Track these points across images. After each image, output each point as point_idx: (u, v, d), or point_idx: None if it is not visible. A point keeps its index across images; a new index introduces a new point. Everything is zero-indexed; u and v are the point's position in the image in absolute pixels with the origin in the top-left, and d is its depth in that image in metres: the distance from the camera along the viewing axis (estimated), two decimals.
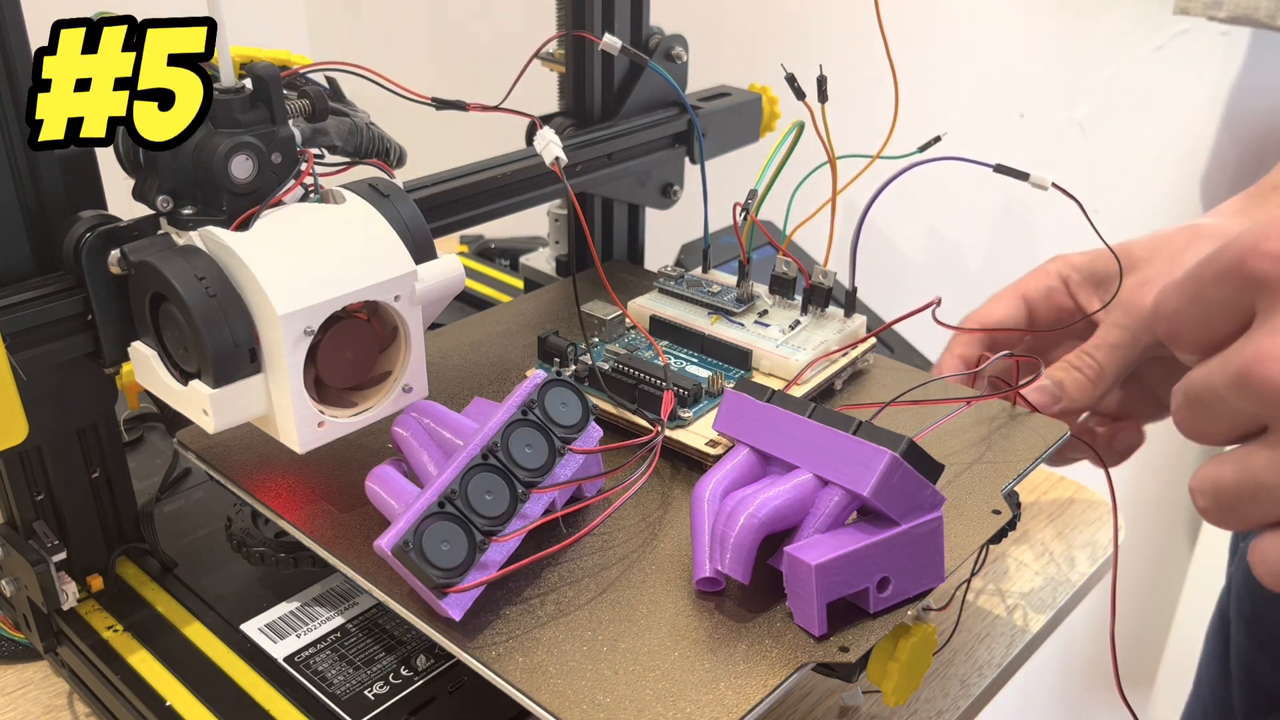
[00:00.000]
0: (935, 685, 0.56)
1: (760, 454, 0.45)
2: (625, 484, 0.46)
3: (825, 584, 0.40)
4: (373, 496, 0.45)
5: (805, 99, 0.55)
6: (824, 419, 0.43)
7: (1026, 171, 0.52)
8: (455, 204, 0.59)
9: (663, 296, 0.61)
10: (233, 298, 0.42)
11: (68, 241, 0.45)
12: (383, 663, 0.49)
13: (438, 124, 0.59)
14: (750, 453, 0.45)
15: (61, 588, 0.50)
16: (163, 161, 0.43)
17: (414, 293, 0.45)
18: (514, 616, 0.42)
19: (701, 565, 0.43)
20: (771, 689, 0.39)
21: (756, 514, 0.41)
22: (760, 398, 0.45)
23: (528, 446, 0.44)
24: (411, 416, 0.47)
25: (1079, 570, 0.65)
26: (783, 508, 0.42)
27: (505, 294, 0.83)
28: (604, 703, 0.38)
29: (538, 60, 0.65)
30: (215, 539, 0.56)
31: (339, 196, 0.46)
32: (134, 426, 0.67)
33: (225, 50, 0.43)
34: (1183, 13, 1.17)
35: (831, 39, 1.06)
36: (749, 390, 0.46)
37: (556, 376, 0.46)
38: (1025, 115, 1.21)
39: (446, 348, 0.60)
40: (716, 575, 0.42)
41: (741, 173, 0.64)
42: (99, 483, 0.52)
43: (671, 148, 0.69)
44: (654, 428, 0.49)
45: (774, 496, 0.42)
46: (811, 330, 0.57)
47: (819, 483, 0.42)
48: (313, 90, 0.48)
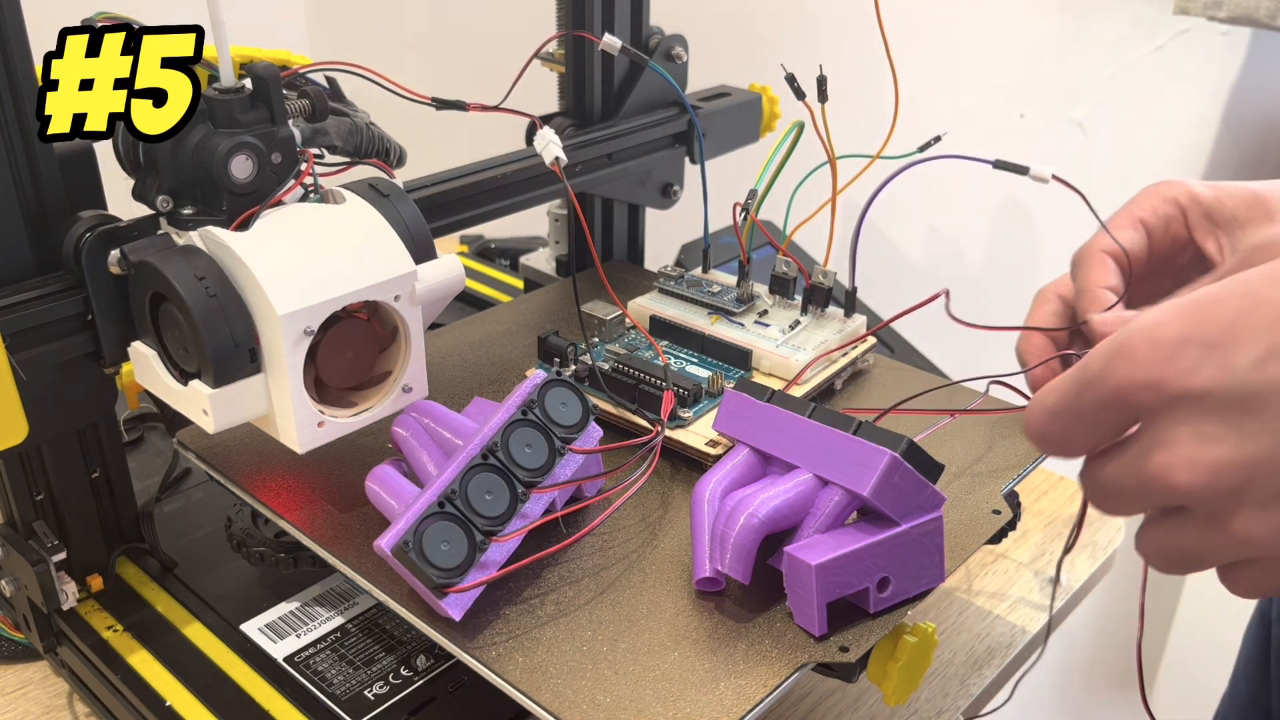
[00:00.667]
0: (935, 685, 0.56)
1: (760, 454, 0.45)
2: (625, 484, 0.46)
3: (825, 584, 0.40)
4: (373, 496, 0.45)
5: (805, 99, 0.55)
6: (824, 419, 0.43)
7: (1026, 165, 0.52)
8: (455, 204, 0.59)
9: (663, 296, 0.61)
10: (233, 298, 0.42)
11: (68, 241, 0.45)
12: (383, 663, 0.49)
13: (438, 124, 0.59)
14: (750, 453, 0.45)
15: (61, 588, 0.50)
16: (162, 161, 0.43)
17: (414, 293, 0.45)
18: (514, 616, 0.42)
19: (701, 565, 0.43)
20: (771, 689, 0.39)
21: (756, 514, 0.41)
22: (760, 398, 0.45)
23: (528, 446, 0.44)
24: (411, 416, 0.47)
25: (1079, 571, 0.65)
26: (782, 508, 0.42)
27: (505, 294, 0.83)
28: (604, 703, 0.38)
29: (538, 60, 0.65)
30: (215, 539, 0.56)
31: (339, 196, 0.46)
32: (134, 426, 0.67)
33: (225, 50, 0.43)
34: (1183, 13, 1.17)
35: (831, 39, 1.06)
36: (749, 390, 0.46)
37: (556, 376, 0.46)
38: (1025, 115, 1.21)
39: (446, 348, 0.60)
40: (716, 575, 0.42)
41: (741, 173, 0.64)
42: (99, 483, 0.52)
43: (671, 148, 0.69)
44: (654, 428, 0.49)
45: (774, 496, 0.42)
46: (811, 330, 0.57)
47: (819, 483, 0.42)
48: (313, 90, 0.48)
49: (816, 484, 0.42)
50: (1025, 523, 0.69)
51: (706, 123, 0.69)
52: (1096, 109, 1.26)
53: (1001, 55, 1.18)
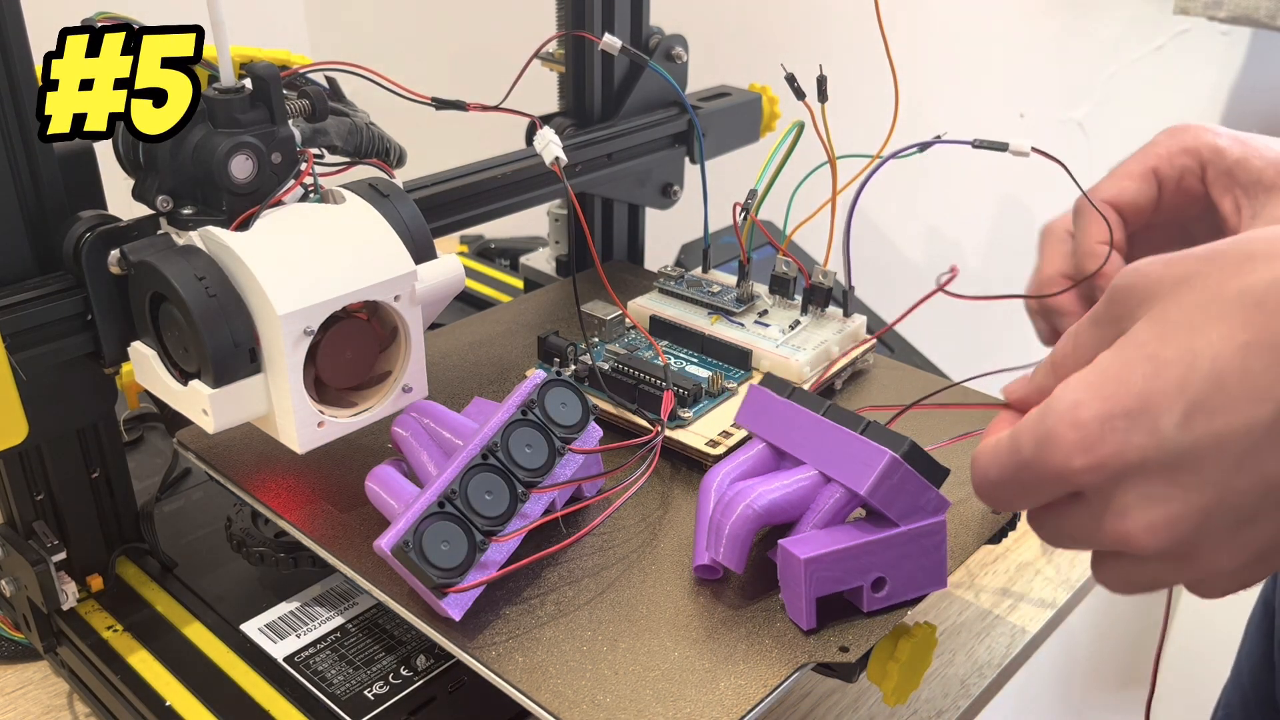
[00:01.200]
0: (935, 685, 0.56)
1: (775, 450, 0.45)
2: (625, 484, 0.46)
3: (814, 578, 0.40)
4: (372, 496, 0.45)
5: (805, 99, 0.55)
6: (836, 417, 0.43)
7: (1005, 142, 0.51)
8: (455, 204, 0.59)
9: (663, 296, 0.61)
10: (233, 298, 0.42)
11: (68, 241, 0.45)
12: (383, 663, 0.49)
13: (438, 124, 0.59)
14: (765, 448, 0.45)
15: (61, 588, 0.50)
16: (162, 161, 0.43)
17: (414, 293, 0.45)
18: (514, 616, 0.42)
19: (701, 552, 0.43)
20: (771, 689, 0.39)
21: (753, 505, 0.41)
22: (781, 394, 0.45)
23: (528, 446, 0.44)
24: (411, 416, 0.47)
25: (1079, 570, 0.65)
26: (781, 500, 0.42)
27: (505, 294, 0.83)
28: (604, 703, 0.38)
29: (538, 60, 0.65)
30: (215, 539, 0.56)
31: (339, 196, 0.46)
32: (134, 426, 0.67)
33: (225, 50, 0.43)
34: (1183, 13, 1.17)
35: (832, 38, 1.06)
36: (771, 385, 0.46)
37: (556, 376, 0.46)
38: (1025, 115, 1.21)
39: (446, 348, 0.60)
40: (713, 564, 0.42)
41: (742, 173, 0.64)
42: (99, 483, 0.52)
43: (671, 148, 0.69)
44: (654, 428, 0.49)
45: (774, 490, 0.42)
46: (811, 330, 0.57)
47: (822, 479, 0.42)
48: (313, 90, 0.48)
49: (820, 480, 0.42)
50: (1025, 522, 0.69)
51: (706, 123, 0.69)
52: (1096, 109, 1.26)
53: (1001, 55, 1.18)
